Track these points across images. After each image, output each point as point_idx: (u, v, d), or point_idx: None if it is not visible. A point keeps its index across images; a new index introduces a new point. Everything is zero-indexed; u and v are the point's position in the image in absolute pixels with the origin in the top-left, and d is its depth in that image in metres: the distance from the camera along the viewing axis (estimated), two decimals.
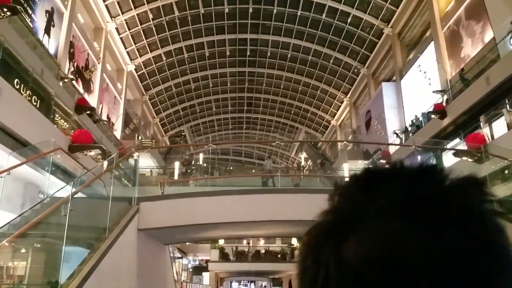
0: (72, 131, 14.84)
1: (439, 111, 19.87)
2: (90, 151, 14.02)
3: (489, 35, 18.45)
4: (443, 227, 0.42)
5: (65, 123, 16.53)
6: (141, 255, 10.06)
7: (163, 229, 9.98)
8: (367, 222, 0.44)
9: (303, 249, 0.50)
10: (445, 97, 20.88)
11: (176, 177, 20.47)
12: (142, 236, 9.90)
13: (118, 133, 29.86)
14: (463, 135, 16.47)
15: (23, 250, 6.98)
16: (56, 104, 15.54)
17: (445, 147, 16.95)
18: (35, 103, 13.44)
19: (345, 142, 27.87)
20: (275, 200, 10.31)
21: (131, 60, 33.52)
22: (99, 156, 14.93)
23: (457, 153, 14.61)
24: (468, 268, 0.41)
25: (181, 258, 35.33)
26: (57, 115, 16.14)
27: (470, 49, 20.27)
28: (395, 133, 26.24)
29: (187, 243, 36.12)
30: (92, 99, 24.75)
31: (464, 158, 14.27)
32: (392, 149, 24.44)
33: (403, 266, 0.40)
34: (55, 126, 14.15)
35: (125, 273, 8.79)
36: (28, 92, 12.98)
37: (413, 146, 14.30)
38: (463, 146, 15.13)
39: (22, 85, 12.81)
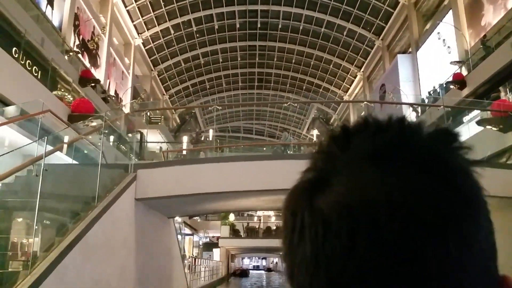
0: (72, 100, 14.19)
1: (458, 81, 19.01)
2: (92, 121, 13.34)
3: None
4: (408, 171, 0.44)
5: (68, 96, 15.90)
6: (141, 228, 9.36)
7: (164, 199, 9.19)
8: (339, 174, 0.46)
9: (283, 205, 0.51)
10: (464, 67, 19.96)
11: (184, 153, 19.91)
12: (141, 207, 9.19)
13: (126, 109, 29.19)
14: (487, 103, 15.57)
15: None
16: (58, 74, 14.84)
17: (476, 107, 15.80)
18: (35, 74, 12.77)
19: (365, 102, 26.72)
20: (287, 166, 9.32)
21: (138, 34, 32.64)
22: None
23: (481, 121, 13.81)
24: (432, 209, 0.42)
25: (192, 234, 35.13)
26: (59, 86, 15.50)
27: (492, 16, 19.22)
28: (412, 106, 25.31)
29: (198, 220, 35.90)
30: (99, 74, 24.08)
31: (488, 127, 13.49)
32: None
33: (366, 208, 0.42)
34: (54, 95, 13.42)
35: (121, 246, 8.09)
36: (24, 58, 12.28)
37: (442, 107, 13.38)
38: (486, 115, 14.24)
39: (20, 52, 12.15)
